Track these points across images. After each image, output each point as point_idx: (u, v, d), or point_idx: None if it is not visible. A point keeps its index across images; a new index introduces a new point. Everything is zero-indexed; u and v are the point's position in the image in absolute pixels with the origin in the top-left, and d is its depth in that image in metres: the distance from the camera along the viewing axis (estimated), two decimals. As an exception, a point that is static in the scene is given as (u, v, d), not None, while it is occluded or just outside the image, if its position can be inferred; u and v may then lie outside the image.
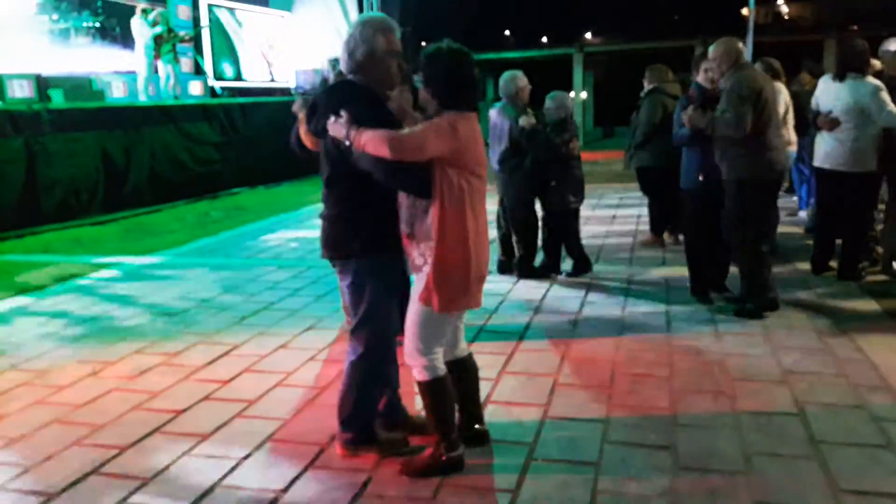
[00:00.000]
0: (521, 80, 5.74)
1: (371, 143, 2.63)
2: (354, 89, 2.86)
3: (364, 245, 2.88)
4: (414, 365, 2.90)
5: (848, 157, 5.34)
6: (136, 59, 12.29)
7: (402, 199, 2.84)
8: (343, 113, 2.71)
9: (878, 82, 5.24)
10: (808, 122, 5.63)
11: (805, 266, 5.87)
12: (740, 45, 4.79)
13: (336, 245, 2.95)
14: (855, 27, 29.51)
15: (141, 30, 12.09)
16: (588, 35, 39.09)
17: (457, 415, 3.05)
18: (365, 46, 2.85)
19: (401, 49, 2.97)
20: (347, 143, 2.69)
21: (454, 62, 2.80)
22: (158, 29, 12.05)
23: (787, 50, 22.99)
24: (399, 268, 3.02)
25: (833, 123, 5.34)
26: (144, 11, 12.18)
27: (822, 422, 3.31)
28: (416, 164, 2.67)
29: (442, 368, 2.92)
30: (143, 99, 12.05)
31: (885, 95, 5.19)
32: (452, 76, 2.79)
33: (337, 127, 2.72)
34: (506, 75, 5.78)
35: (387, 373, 3.13)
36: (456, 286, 2.78)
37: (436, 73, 2.80)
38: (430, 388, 2.90)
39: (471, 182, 2.77)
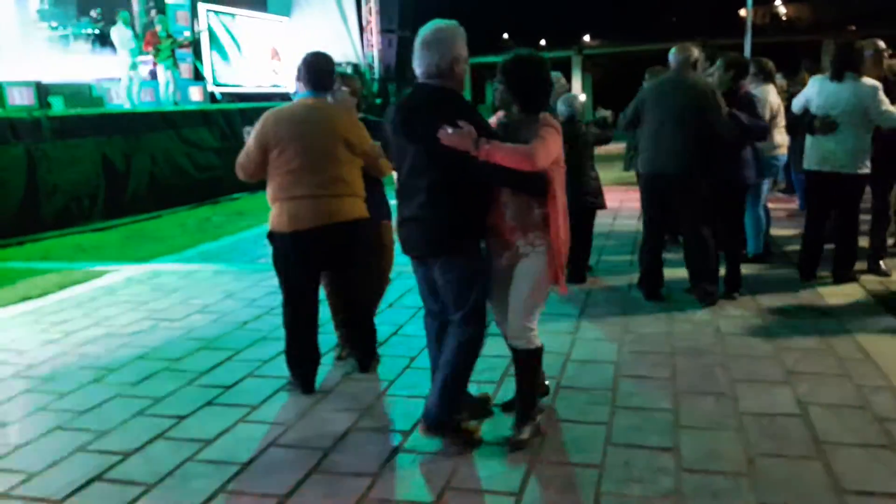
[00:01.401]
0: (560, 104, 5.71)
1: (508, 157, 2.88)
2: (454, 97, 3.06)
3: (474, 238, 3.14)
4: (524, 337, 3.19)
5: (848, 159, 5.26)
6: (120, 66, 12.33)
7: (506, 196, 3.08)
8: (464, 125, 2.87)
9: (876, 82, 5.21)
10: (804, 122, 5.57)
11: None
12: (672, 55, 5.05)
13: (447, 242, 3.09)
14: (853, 27, 29.58)
15: (121, 37, 12.12)
16: (586, 37, 39.16)
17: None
18: (456, 52, 3.03)
19: None
20: (474, 152, 2.86)
21: (537, 67, 3.10)
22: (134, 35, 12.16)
23: (785, 50, 23.02)
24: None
25: (830, 127, 5.26)
26: (124, 21, 12.26)
27: (825, 422, 3.31)
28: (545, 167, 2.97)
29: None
30: (126, 105, 12.06)
31: (883, 95, 5.18)
32: (535, 80, 3.09)
33: (457, 138, 2.87)
34: None
35: None
36: (564, 264, 3.15)
37: (519, 77, 3.08)
38: (535, 356, 3.25)
39: (560, 174, 3.10)
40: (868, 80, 5.22)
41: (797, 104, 5.61)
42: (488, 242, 3.20)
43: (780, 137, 6.07)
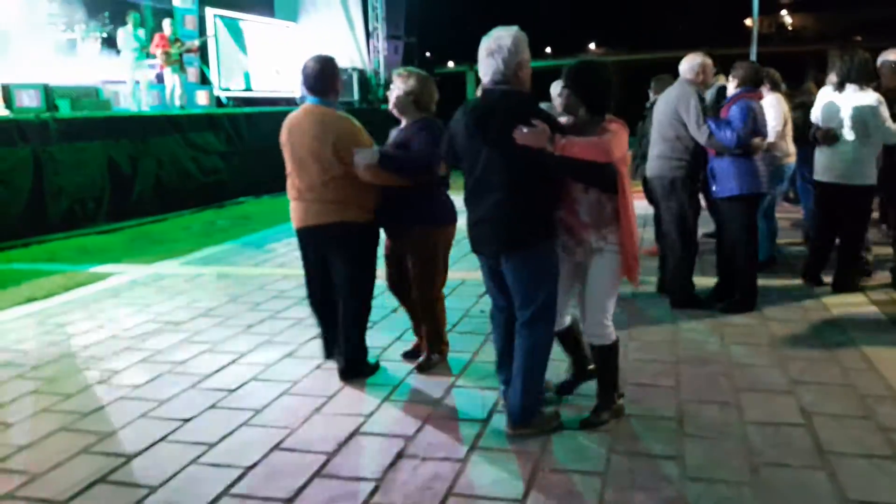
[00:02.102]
0: (553, 88, 5.78)
1: (584, 150, 3.05)
2: (525, 98, 3.23)
3: (547, 234, 3.27)
4: (602, 333, 3.37)
5: (848, 171, 5.28)
6: (124, 70, 12.36)
7: (577, 193, 3.25)
8: (538, 123, 3.04)
9: (877, 95, 5.19)
10: (810, 134, 5.58)
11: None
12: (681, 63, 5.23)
13: (521, 238, 3.23)
14: (858, 38, 29.59)
15: (126, 41, 12.16)
16: (592, 46, 39.23)
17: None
18: (518, 57, 3.18)
19: None
20: (549, 148, 3.02)
21: (600, 72, 3.26)
22: (137, 41, 12.16)
23: (790, 60, 23.03)
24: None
25: (831, 139, 5.30)
26: (134, 22, 12.29)
27: (829, 432, 3.31)
28: (609, 164, 3.12)
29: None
30: (133, 109, 12.10)
31: (884, 110, 5.16)
32: (599, 84, 3.24)
33: (532, 137, 3.04)
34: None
35: None
36: (637, 257, 3.30)
37: (586, 83, 3.24)
38: (613, 349, 3.42)
39: (624, 172, 3.23)
40: (869, 93, 5.20)
41: (813, 116, 5.62)
42: (562, 240, 3.34)
43: (790, 147, 6.07)
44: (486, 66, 3.20)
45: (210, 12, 14.72)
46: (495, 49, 3.17)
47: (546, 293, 3.26)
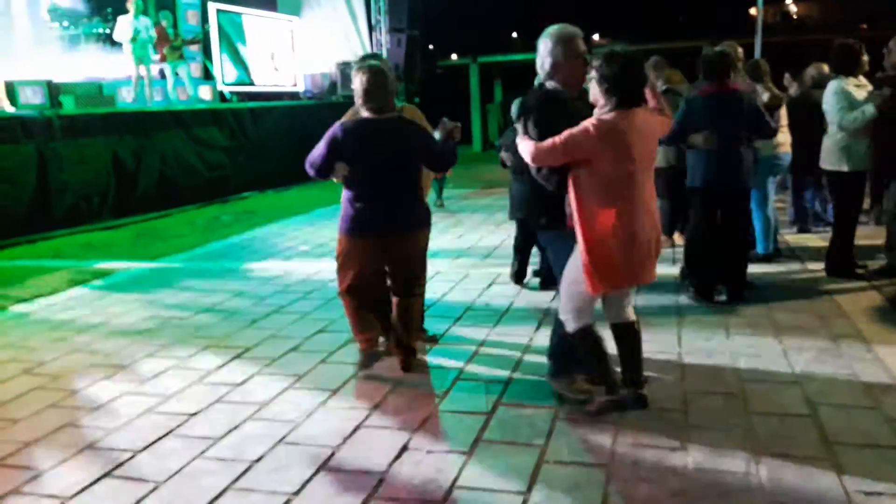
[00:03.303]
0: None
1: (523, 150, 3.25)
2: (542, 95, 3.36)
3: (548, 221, 3.42)
4: (565, 320, 3.39)
5: (827, 156, 5.54)
6: (127, 64, 12.26)
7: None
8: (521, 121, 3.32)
9: (839, 84, 5.29)
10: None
11: (816, 266, 5.85)
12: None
13: (534, 220, 3.58)
14: (864, 26, 29.38)
15: (124, 32, 12.04)
16: (595, 36, 39.07)
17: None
18: (550, 58, 3.32)
19: (584, 50, 3.35)
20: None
21: (627, 64, 3.16)
22: (133, 31, 11.96)
23: (796, 50, 22.87)
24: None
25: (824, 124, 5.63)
26: (137, 8, 12.15)
27: (835, 423, 3.29)
28: (554, 165, 3.19)
29: (587, 321, 3.36)
30: (149, 103, 12.09)
31: (841, 98, 5.24)
32: (618, 76, 3.14)
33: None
34: None
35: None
36: (606, 270, 3.15)
37: (610, 73, 3.14)
38: (579, 338, 3.37)
39: (618, 173, 3.12)
40: (836, 81, 5.34)
41: None
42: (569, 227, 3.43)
43: (781, 136, 6.03)
44: (536, 62, 3.40)
45: (212, 7, 14.69)
46: (539, 47, 3.35)
47: (556, 271, 3.48)
